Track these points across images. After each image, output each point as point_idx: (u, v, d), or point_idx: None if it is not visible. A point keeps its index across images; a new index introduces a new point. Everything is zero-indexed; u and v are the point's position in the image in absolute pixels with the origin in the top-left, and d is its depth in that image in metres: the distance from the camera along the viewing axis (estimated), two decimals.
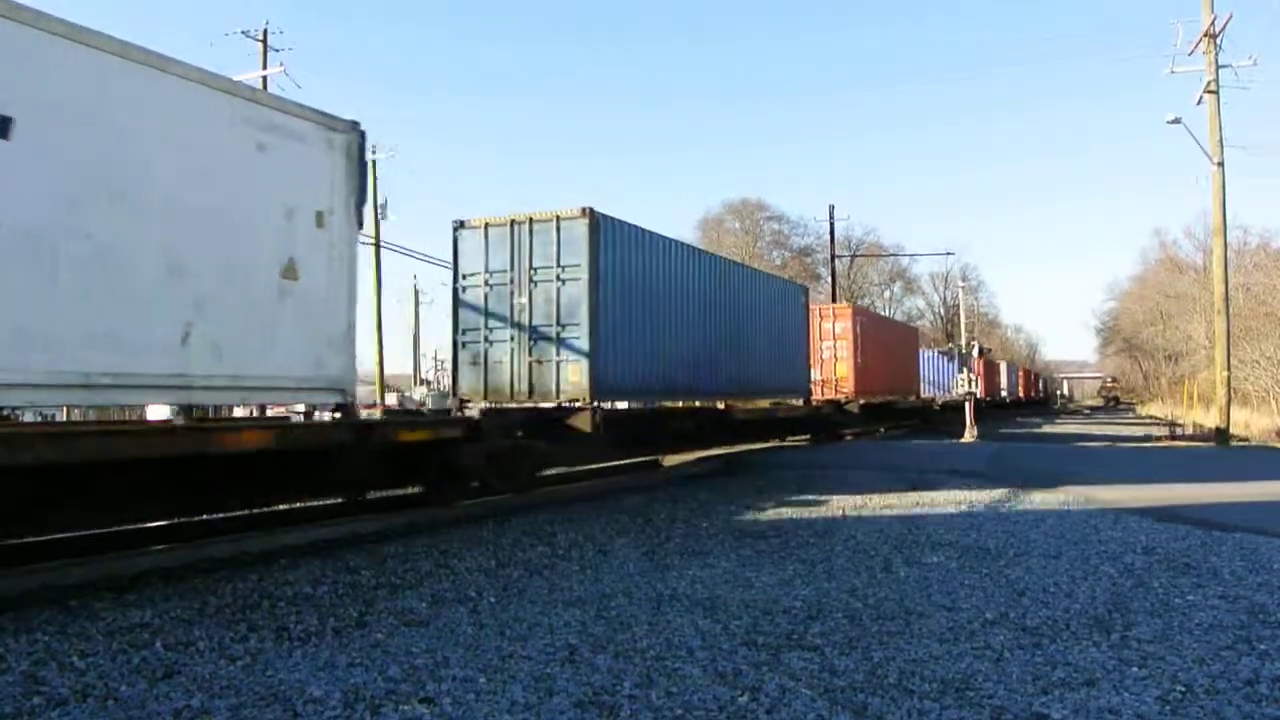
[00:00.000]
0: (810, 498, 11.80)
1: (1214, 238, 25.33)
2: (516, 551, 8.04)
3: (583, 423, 12.42)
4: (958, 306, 78.10)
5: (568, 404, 12.73)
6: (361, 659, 4.84)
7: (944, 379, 40.85)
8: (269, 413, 11.15)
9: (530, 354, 13.04)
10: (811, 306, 24.00)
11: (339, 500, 10.33)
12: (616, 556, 7.81)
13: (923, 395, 39.24)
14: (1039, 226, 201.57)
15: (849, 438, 26.45)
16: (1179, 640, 5.08)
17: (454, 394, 13.59)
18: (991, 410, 48.67)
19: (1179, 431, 30.32)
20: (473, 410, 12.78)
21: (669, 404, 16.12)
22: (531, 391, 13.02)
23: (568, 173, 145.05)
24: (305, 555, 7.87)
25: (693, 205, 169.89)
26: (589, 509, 10.90)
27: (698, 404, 16.92)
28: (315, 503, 10.85)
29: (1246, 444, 24.99)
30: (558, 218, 12.89)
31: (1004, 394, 55.12)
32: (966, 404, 29.62)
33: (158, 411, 11.97)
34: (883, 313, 76.29)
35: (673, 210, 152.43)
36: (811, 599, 6.16)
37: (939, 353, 44.10)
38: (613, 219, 13.39)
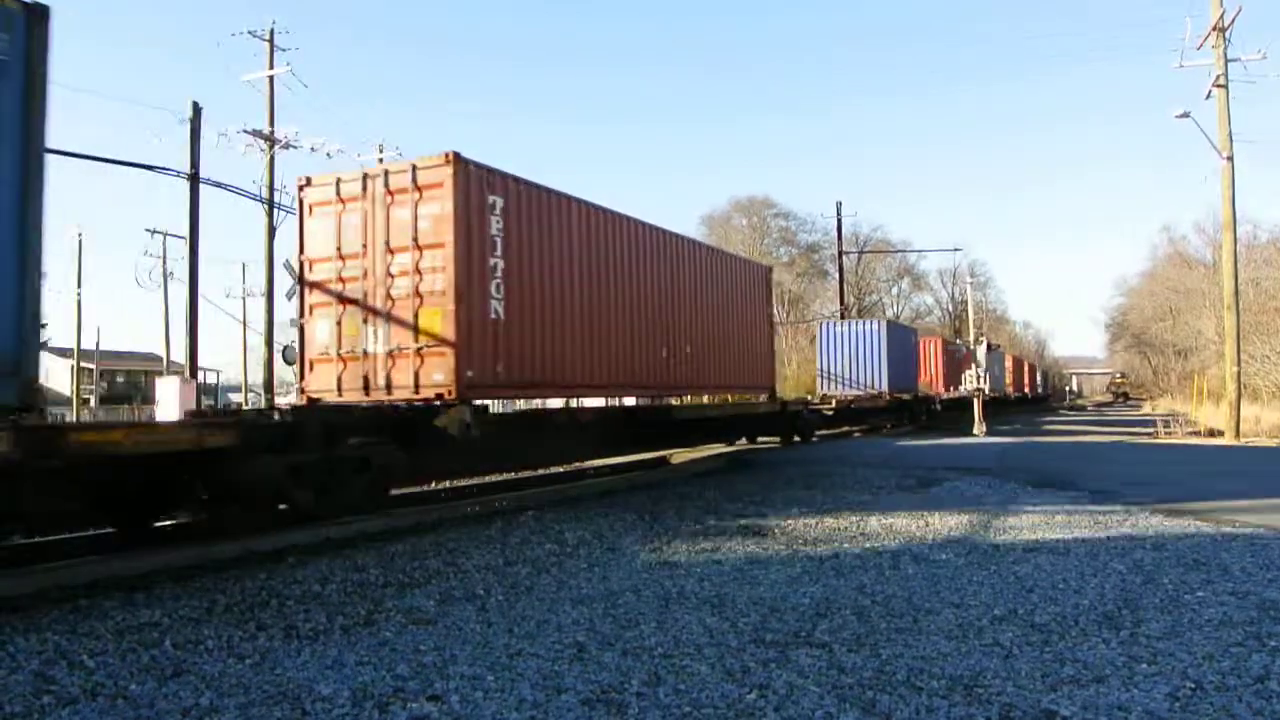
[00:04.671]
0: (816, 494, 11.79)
1: (1223, 233, 25.19)
2: (524, 549, 8.05)
3: None
4: (966, 303, 77.90)
5: None
6: (370, 657, 4.85)
7: (864, 369, 28.60)
8: None
9: None
10: (339, 174, 11.55)
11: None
12: (624, 554, 7.81)
13: (829, 392, 28.06)
14: (1048, 223, 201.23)
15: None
16: (1189, 637, 5.06)
17: None
18: (952, 411, 36.54)
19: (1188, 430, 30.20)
20: None
21: None
22: None
23: (568, 164, 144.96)
24: (313, 554, 7.88)
25: (700, 202, 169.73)
26: (597, 507, 10.90)
27: None
28: None
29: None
30: None
31: (984, 388, 40.71)
32: (975, 400, 29.51)
33: (165, 411, 12.29)
34: (890, 312, 76.00)
35: (680, 207, 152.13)
36: (820, 596, 6.15)
37: (856, 325, 30.10)
38: None
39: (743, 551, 7.85)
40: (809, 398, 27.33)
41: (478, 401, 10.91)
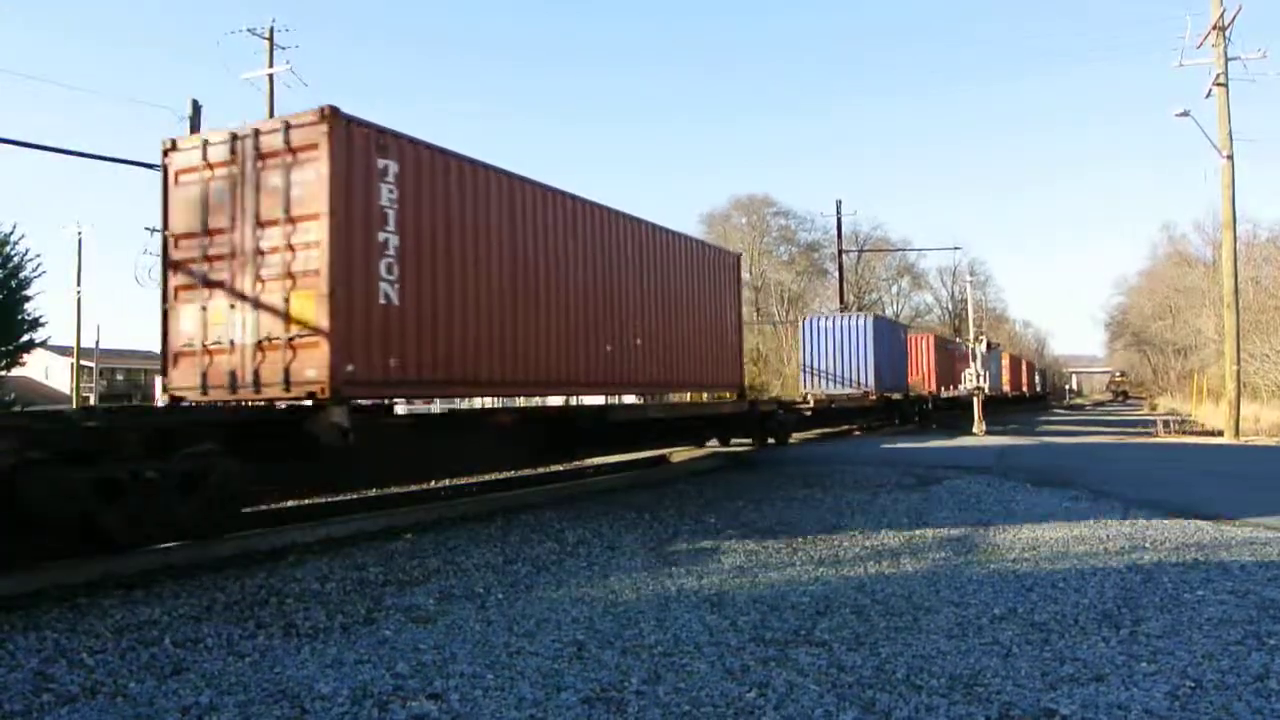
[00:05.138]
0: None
1: (1223, 231, 25.21)
2: (524, 548, 8.05)
3: None
4: (965, 301, 77.88)
5: None
6: (369, 656, 4.85)
7: (850, 366, 26.68)
8: None
9: None
10: (207, 135, 10.16)
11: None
12: (624, 553, 7.81)
13: (804, 393, 26.15)
14: (1048, 222, 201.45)
15: None
16: (1188, 635, 5.06)
17: None
18: (945, 411, 35.20)
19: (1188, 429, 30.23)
20: None
21: None
22: None
23: (568, 159, 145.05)
24: (313, 552, 7.89)
25: (700, 201, 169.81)
26: (597, 506, 10.90)
27: None
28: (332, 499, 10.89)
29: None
30: None
31: (984, 386, 36.78)
32: (975, 399, 29.53)
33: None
34: (890, 311, 76.10)
35: (680, 206, 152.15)
36: (819, 595, 6.15)
37: (842, 320, 27.91)
38: None
39: (742, 550, 7.85)
40: (789, 398, 25.89)
41: (365, 401, 9.46)
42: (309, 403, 8.78)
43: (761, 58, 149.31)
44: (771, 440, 19.39)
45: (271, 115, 29.77)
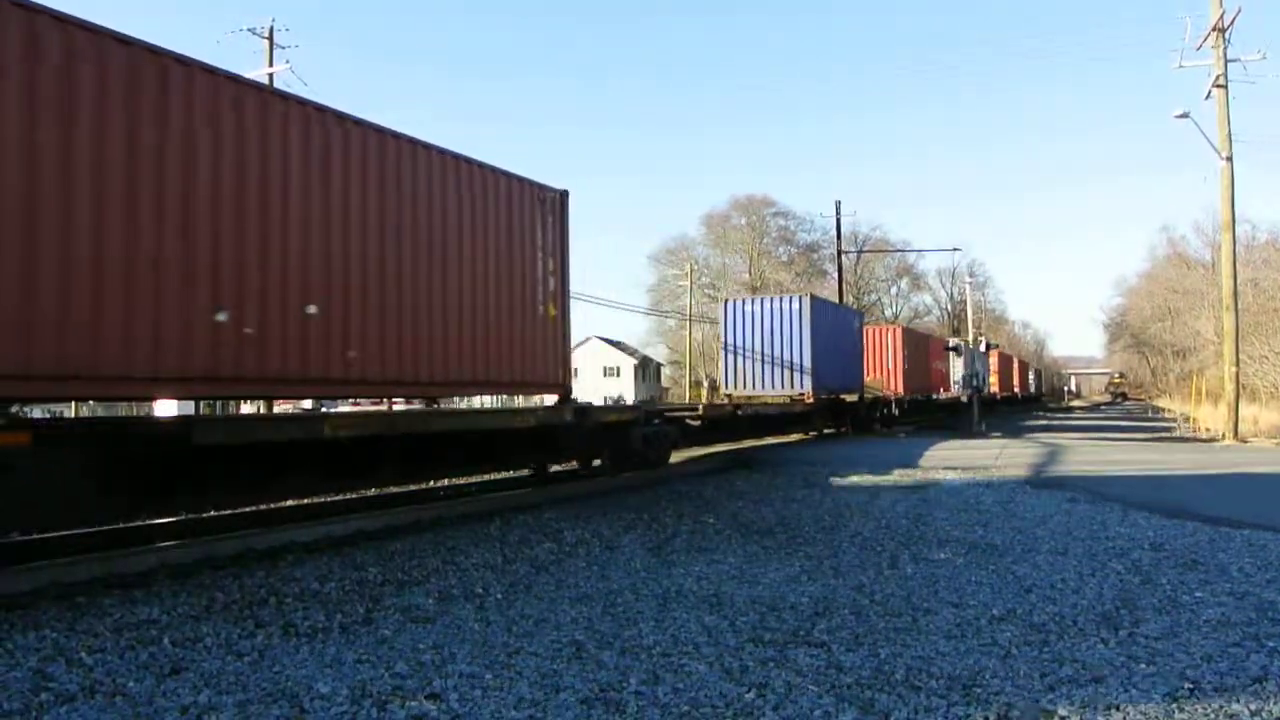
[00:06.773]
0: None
1: (1222, 233, 25.21)
2: (523, 548, 8.05)
3: None
4: (965, 302, 77.90)
5: None
6: (368, 655, 4.85)
7: (782, 361, 21.49)
8: None
9: None
10: None
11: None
12: (623, 553, 7.81)
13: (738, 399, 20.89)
14: (1049, 224, 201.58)
15: None
16: (1187, 637, 5.07)
17: None
18: (915, 416, 32.03)
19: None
20: None
21: None
22: None
23: (568, 159, 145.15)
24: (312, 552, 7.88)
25: (699, 200, 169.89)
26: (596, 506, 10.90)
27: None
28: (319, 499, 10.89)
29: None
30: None
31: (957, 389, 34.47)
32: (974, 401, 29.52)
33: (164, 407, 12.24)
34: (889, 312, 76.06)
35: (679, 205, 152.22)
36: (818, 595, 6.15)
37: (771, 304, 22.05)
38: None
39: (741, 550, 7.85)
40: (664, 404, 21.11)
41: None
42: None
43: (766, 64, 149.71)
44: (653, 459, 14.06)
45: None
